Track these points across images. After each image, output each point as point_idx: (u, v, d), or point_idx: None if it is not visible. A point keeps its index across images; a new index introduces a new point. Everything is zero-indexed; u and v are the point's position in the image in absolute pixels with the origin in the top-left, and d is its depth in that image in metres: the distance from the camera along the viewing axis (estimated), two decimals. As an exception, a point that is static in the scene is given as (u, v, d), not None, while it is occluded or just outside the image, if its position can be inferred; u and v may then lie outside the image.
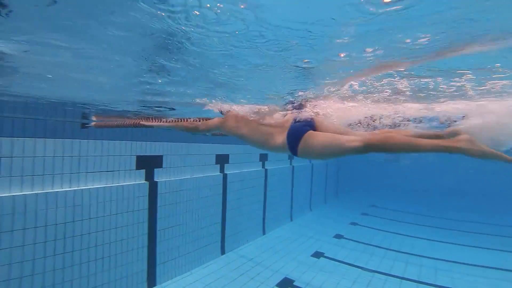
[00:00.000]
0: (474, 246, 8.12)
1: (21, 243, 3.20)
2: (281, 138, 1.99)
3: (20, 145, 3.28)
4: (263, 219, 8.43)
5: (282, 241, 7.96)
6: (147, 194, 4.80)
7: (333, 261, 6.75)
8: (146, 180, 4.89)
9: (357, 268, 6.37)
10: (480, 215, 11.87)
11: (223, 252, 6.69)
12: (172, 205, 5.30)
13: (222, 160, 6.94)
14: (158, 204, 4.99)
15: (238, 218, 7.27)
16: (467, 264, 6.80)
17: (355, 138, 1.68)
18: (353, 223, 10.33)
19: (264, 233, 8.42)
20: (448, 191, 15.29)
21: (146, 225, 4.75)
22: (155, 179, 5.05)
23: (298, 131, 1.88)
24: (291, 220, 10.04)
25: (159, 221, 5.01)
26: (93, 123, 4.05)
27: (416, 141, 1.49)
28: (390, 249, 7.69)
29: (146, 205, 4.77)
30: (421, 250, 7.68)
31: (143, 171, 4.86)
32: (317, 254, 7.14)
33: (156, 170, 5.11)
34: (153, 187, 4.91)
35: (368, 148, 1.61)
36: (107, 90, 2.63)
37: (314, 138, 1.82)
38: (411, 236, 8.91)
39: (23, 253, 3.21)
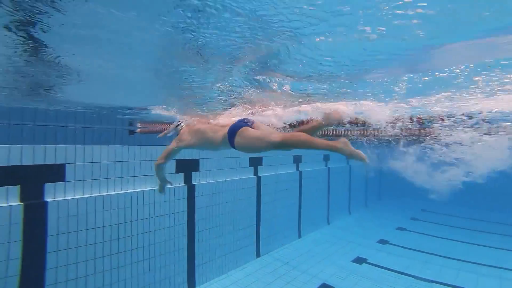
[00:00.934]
0: None
1: (84, 243, 3.75)
2: (223, 132, 2.48)
3: (80, 152, 3.85)
4: (299, 222, 8.43)
5: (319, 245, 7.88)
6: (186, 197, 5.19)
7: (378, 268, 6.47)
8: (185, 183, 5.29)
9: (408, 277, 6.03)
10: None
11: (258, 255, 6.88)
12: (209, 208, 5.63)
13: (255, 162, 7.14)
14: (196, 206, 5.36)
15: (273, 221, 7.40)
16: None
17: (277, 135, 2.16)
18: (401, 228, 9.74)
19: (299, 236, 8.42)
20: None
21: (185, 226, 5.14)
22: (193, 182, 5.43)
23: (236, 127, 2.36)
24: (328, 223, 9.85)
25: (197, 223, 5.37)
26: (138, 130, 4.53)
27: (314, 140, 2.02)
28: (449, 257, 7.11)
29: (185, 207, 5.16)
30: (488, 259, 6.94)
31: (182, 175, 5.27)
32: (359, 260, 6.92)
33: (193, 173, 5.49)
34: (191, 190, 5.29)
35: (284, 143, 2.08)
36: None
37: (246, 132, 2.29)
38: (474, 244, 8.12)
39: (86, 252, 3.75)
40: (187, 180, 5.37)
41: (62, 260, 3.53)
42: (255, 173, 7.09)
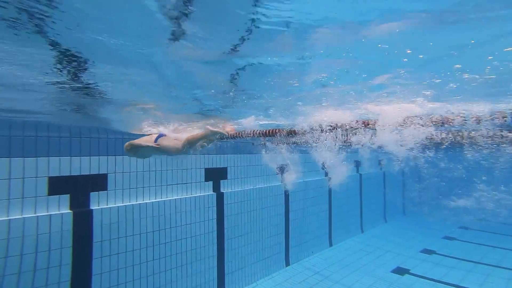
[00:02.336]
0: None
1: (124, 250, 4.13)
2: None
3: (120, 162, 4.28)
4: (329, 230, 8.34)
5: (352, 254, 7.73)
6: (215, 205, 5.45)
7: (424, 279, 6.20)
8: (213, 191, 5.56)
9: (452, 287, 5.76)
10: None
11: (287, 264, 6.92)
12: (237, 215, 5.84)
13: (282, 169, 7.26)
14: (225, 214, 5.60)
15: (302, 229, 7.42)
16: None
17: (183, 138, 3.41)
18: (449, 238, 9.22)
19: (330, 244, 8.31)
20: None
21: (215, 234, 5.39)
22: (221, 190, 5.69)
23: (159, 136, 3.56)
24: (362, 231, 9.59)
25: (226, 230, 5.60)
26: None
27: (197, 135, 3.29)
28: (500, 267, 6.66)
29: (215, 215, 5.42)
30: None
31: (210, 183, 5.55)
32: (400, 271, 6.67)
33: (222, 181, 5.76)
34: (220, 198, 5.54)
35: (187, 143, 3.30)
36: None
37: (165, 139, 3.50)
38: None
39: (125, 259, 4.13)
40: (216, 188, 5.64)
41: (106, 267, 3.92)
42: (283, 180, 7.20)
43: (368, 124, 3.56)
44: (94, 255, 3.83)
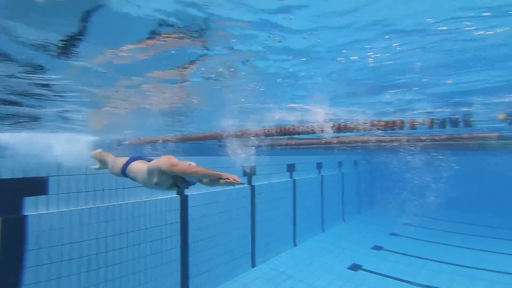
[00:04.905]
0: None
1: (68, 258, 3.39)
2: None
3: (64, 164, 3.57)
4: (294, 230, 8.06)
5: (314, 253, 7.50)
6: (179, 208, 4.86)
7: (374, 275, 6.12)
8: (177, 194, 4.98)
9: (398, 281, 5.69)
10: None
11: (254, 265, 6.46)
12: (203, 218, 5.30)
13: (249, 171, 6.87)
14: (190, 217, 5.03)
15: (268, 230, 7.04)
16: None
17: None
18: (394, 234, 9.40)
19: (295, 244, 8.01)
20: (499, 199, 13.35)
21: (178, 238, 4.78)
22: (186, 193, 5.13)
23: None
24: (323, 231, 9.46)
25: (191, 234, 5.02)
26: (127, 142, 4.28)
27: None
28: (437, 261, 6.77)
29: (178, 218, 4.83)
30: (475, 262, 6.61)
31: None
32: (355, 267, 6.56)
33: (186, 184, 5.19)
34: (184, 201, 4.97)
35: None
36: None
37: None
38: (464, 248, 7.79)
39: (69, 267, 3.40)
40: (180, 191, 5.07)
41: (43, 275, 3.16)
42: (249, 182, 6.80)
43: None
44: (28, 264, 3.06)
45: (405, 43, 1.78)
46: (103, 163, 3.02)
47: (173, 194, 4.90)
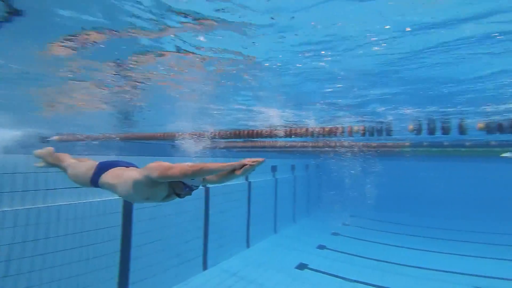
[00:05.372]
0: (460, 255, 7.76)
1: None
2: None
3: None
4: (247, 232, 8.06)
5: (266, 254, 7.59)
6: (121, 210, 4.40)
7: (316, 273, 6.47)
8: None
9: (338, 279, 6.12)
10: (464, 223, 11.72)
11: (205, 267, 6.23)
12: (149, 221, 4.88)
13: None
14: (134, 220, 4.59)
15: (221, 232, 6.88)
16: (454, 272, 6.50)
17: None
18: (335, 234, 10.12)
19: (248, 246, 8.01)
20: (430, 200, 15.46)
21: (119, 242, 4.30)
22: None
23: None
24: (275, 232, 9.70)
25: (135, 237, 4.58)
26: (55, 137, 3.73)
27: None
28: (371, 258, 7.47)
29: (120, 221, 4.36)
30: (403, 259, 7.39)
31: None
32: (301, 266, 6.85)
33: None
34: (128, 203, 4.52)
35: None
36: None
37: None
38: (390, 245, 8.75)
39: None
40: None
41: None
42: (204, 184, 6.56)
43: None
44: None
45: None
46: (55, 166, 2.36)
47: (113, 196, 4.41)
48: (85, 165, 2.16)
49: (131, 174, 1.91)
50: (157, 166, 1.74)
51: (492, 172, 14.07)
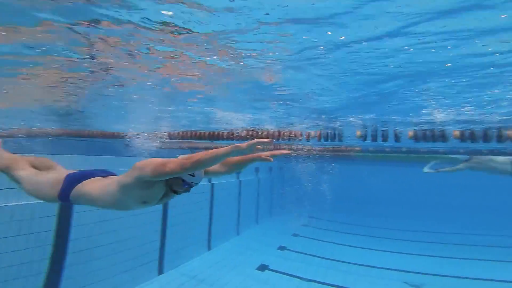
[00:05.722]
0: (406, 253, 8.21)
1: None
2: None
3: None
4: (209, 234, 7.76)
5: (228, 256, 7.38)
6: (56, 214, 3.80)
7: (276, 273, 6.48)
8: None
9: (296, 279, 6.19)
10: (412, 223, 12.43)
11: (161, 272, 5.78)
12: (93, 225, 4.30)
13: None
14: (73, 224, 4.00)
15: (181, 235, 6.50)
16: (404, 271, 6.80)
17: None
18: (295, 235, 10.30)
19: (209, 248, 7.71)
20: (381, 201, 16.78)
21: (50, 248, 3.69)
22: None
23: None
24: (238, 234, 9.53)
25: (73, 243, 3.99)
26: None
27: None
28: (327, 258, 7.69)
29: (54, 226, 3.76)
30: (356, 258, 7.66)
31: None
32: (262, 267, 6.80)
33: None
34: (65, 207, 3.92)
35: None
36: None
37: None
38: (344, 245, 9.08)
39: None
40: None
41: None
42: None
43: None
44: None
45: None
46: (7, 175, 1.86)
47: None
48: (48, 179, 1.81)
49: (115, 180, 1.69)
50: (147, 163, 1.55)
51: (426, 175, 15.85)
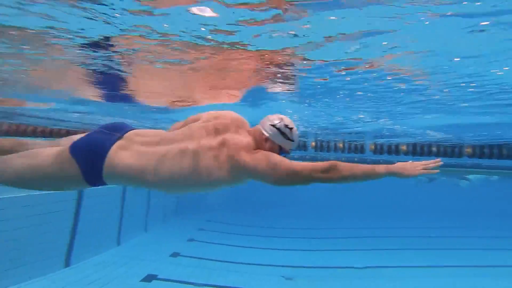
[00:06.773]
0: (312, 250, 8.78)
1: None
2: None
3: None
4: (69, 248, 5.80)
5: (101, 269, 5.82)
6: None
7: (166, 282, 5.70)
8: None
9: (188, 285, 5.65)
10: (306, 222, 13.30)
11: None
12: None
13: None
14: None
15: (16, 252, 4.49)
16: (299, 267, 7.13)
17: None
18: (191, 240, 9.46)
19: (67, 265, 5.70)
20: (274, 202, 17.58)
21: None
22: None
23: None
24: (119, 244, 7.70)
25: None
26: None
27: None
28: (221, 261, 7.30)
29: None
30: (246, 257, 7.60)
31: None
32: (149, 278, 5.76)
33: None
34: None
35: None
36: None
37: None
38: (238, 246, 8.93)
39: None
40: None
41: None
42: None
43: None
44: None
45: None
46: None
47: None
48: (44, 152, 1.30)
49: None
50: (278, 165, 1.35)
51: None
